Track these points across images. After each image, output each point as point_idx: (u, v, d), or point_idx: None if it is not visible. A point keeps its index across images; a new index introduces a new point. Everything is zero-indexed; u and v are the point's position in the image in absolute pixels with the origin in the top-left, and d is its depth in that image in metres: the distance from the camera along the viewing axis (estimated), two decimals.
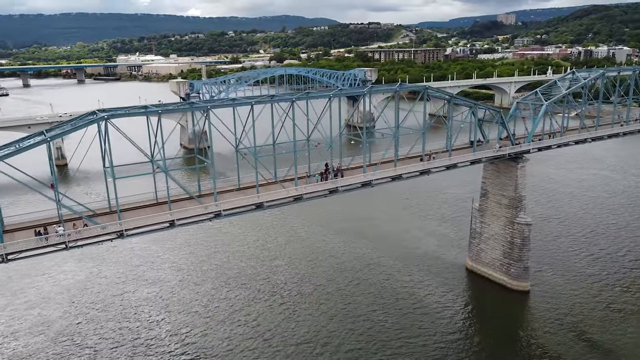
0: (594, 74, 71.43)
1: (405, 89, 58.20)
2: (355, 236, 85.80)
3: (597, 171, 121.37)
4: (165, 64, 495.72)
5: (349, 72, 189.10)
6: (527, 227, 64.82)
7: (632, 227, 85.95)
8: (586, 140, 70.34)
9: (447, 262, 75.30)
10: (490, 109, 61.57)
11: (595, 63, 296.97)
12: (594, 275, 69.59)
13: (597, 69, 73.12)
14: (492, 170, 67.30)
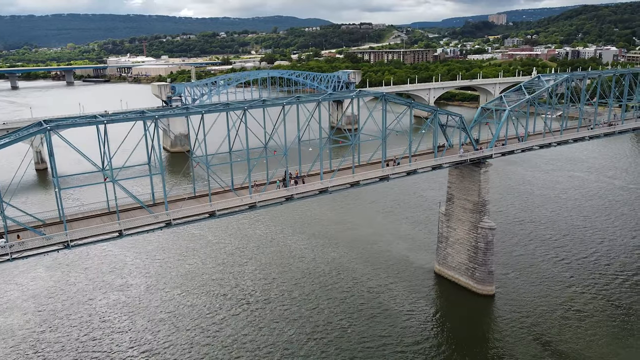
0: (559, 78, 71.98)
1: (364, 95, 57.96)
2: (327, 240, 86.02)
3: (575, 173, 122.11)
4: (154, 65, 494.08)
5: (333, 74, 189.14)
6: (491, 232, 65.19)
7: (601, 230, 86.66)
8: (550, 144, 70.84)
9: (416, 266, 75.64)
10: (451, 114, 61.86)
11: (581, 64, 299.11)
12: (559, 279, 70.12)
13: (562, 73, 73.46)
14: (457, 175, 67.68)
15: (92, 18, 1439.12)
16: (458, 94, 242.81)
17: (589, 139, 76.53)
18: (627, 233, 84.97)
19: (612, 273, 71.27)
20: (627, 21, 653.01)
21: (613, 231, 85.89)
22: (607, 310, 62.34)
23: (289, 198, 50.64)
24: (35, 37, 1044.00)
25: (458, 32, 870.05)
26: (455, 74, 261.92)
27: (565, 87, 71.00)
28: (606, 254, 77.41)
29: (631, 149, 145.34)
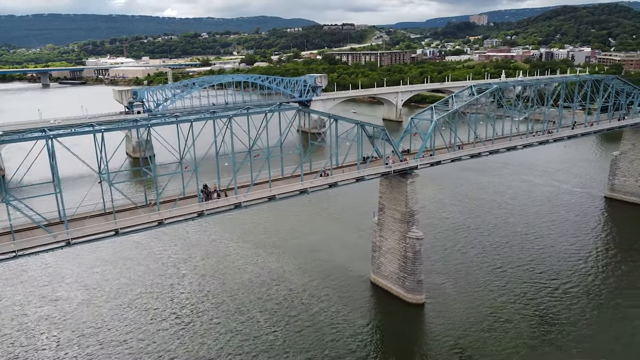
0: (490, 88, 72.91)
1: (284, 110, 57.68)
2: (271, 249, 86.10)
3: (528, 177, 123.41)
4: (131, 67, 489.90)
5: (300, 78, 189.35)
6: (418, 242, 65.83)
7: (542, 236, 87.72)
8: (480, 154, 71.76)
9: (354, 276, 76.03)
10: (375, 126, 62.27)
11: (552, 65, 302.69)
12: (492, 287, 70.83)
13: (492, 83, 74.46)
14: (387, 185, 68.22)
15: (73, 18, 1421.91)
16: (429, 96, 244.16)
17: (522, 147, 77.66)
18: (566, 239, 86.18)
19: (544, 281, 72.22)
20: (604, 22, 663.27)
21: (553, 237, 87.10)
22: (532, 320, 63.10)
23: (200, 214, 50.61)
24: (15, 37, 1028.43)
25: (440, 32, 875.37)
26: (430, 76, 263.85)
27: (496, 96, 71.93)
28: (542, 261, 78.43)
29: (593, 152, 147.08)
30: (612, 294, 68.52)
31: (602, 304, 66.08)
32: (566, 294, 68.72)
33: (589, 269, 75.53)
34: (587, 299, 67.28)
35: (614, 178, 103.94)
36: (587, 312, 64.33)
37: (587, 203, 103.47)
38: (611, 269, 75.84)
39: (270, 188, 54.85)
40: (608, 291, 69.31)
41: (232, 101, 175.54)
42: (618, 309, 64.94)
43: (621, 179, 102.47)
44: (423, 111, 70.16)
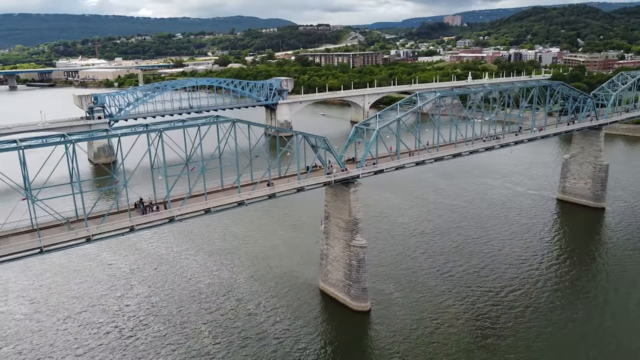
0: (432, 96, 73.86)
1: (220, 122, 57.14)
2: (224, 257, 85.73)
3: (486, 180, 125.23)
4: (102, 69, 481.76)
5: (266, 81, 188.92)
6: (362, 250, 66.36)
7: (493, 240, 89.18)
8: (425, 161, 72.70)
9: (303, 283, 76.22)
10: (315, 136, 62.46)
11: (520, 67, 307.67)
12: (437, 293, 71.67)
13: (436, 91, 75.46)
14: (331, 194, 68.61)
15: (44, 18, 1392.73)
16: (398, 97, 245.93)
17: (468, 153, 78.93)
18: (515, 243, 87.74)
19: (489, 286, 73.39)
20: (573, 23, 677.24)
21: (503, 241, 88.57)
22: (473, 325, 64.05)
23: (132, 229, 50.11)
24: None
25: (414, 33, 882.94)
26: (398, 78, 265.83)
27: (439, 103, 72.95)
28: (490, 265, 79.68)
29: (551, 154, 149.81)
30: (553, 298, 70.03)
31: (542, 308, 67.44)
32: (508, 298, 70.05)
33: (533, 273, 77.13)
34: (528, 303, 68.65)
35: (565, 180, 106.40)
36: (527, 316, 65.63)
37: (539, 205, 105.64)
38: (555, 272, 77.56)
39: (207, 200, 54.58)
40: (550, 295, 70.83)
41: (199, 105, 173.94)
42: (558, 313, 66.33)
43: (572, 181, 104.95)
44: (368, 119, 70.68)
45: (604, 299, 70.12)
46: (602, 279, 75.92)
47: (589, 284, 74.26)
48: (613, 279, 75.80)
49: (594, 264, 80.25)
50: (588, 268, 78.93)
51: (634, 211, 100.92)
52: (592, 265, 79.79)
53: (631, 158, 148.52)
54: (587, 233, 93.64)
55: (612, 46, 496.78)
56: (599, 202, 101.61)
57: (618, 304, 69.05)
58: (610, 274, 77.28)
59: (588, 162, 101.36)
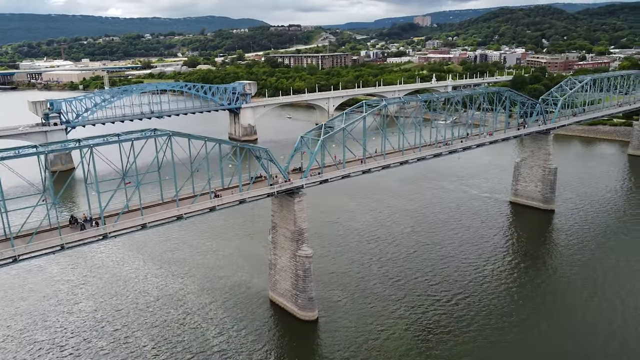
0: (380, 105, 74.48)
1: (158, 136, 56.08)
2: (175, 267, 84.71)
3: (442, 183, 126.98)
4: (66, 71, 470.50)
5: (229, 85, 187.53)
6: (308, 260, 66.46)
7: (445, 245, 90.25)
8: (370, 170, 73.28)
9: (253, 293, 75.87)
10: (258, 148, 62.21)
11: (484, 68, 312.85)
12: (388, 301, 71.83)
13: (383, 99, 76.12)
14: (277, 204, 68.52)
15: (9, 18, 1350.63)
16: (364, 99, 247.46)
17: (416, 160, 79.91)
18: (467, 248, 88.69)
19: (439, 293, 73.83)
20: (538, 24, 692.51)
21: (455, 246, 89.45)
22: (421, 333, 64.45)
23: (62, 247, 48.97)
24: None
25: (385, 33, 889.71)
26: (364, 80, 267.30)
27: (384, 112, 73.56)
28: (441, 272, 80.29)
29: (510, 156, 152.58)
30: (502, 304, 70.89)
31: (491, 315, 68.22)
32: (458, 306, 70.59)
33: (483, 279, 78.11)
34: (478, 310, 69.31)
35: (517, 183, 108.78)
36: (475, 324, 66.25)
37: (492, 209, 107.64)
38: (505, 277, 78.67)
39: (143, 216, 53.80)
40: (498, 301, 71.65)
41: (160, 109, 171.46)
42: (505, 319, 67.31)
43: (523, 184, 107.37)
44: (313, 129, 70.79)
45: (551, 303, 71.54)
46: (550, 282, 77.52)
47: (537, 288, 75.53)
48: (561, 282, 77.43)
49: (543, 268, 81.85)
50: (537, 272, 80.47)
51: (582, 213, 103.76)
52: (540, 269, 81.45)
53: (584, 159, 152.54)
54: (537, 236, 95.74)
55: (575, 47, 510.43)
56: (548, 204, 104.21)
57: (565, 307, 70.72)
58: (558, 277, 79.02)
59: (538, 166, 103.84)
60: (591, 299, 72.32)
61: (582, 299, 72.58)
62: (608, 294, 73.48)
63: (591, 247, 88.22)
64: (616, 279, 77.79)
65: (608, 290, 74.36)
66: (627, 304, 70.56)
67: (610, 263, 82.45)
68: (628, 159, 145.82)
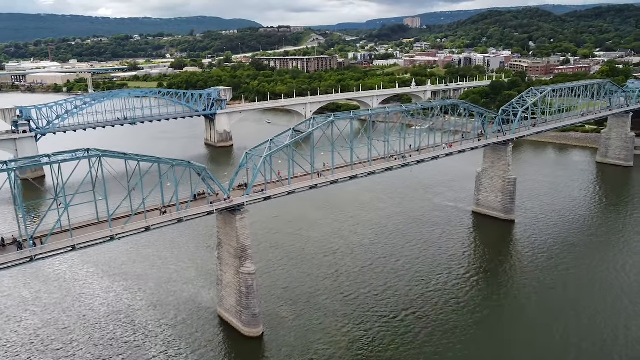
0: (326, 121, 74.44)
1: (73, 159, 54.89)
2: (129, 281, 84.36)
3: (406, 192, 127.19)
4: (50, 73, 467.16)
5: (204, 91, 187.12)
6: (250, 277, 66.49)
7: (404, 257, 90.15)
8: (318, 185, 73.39)
9: (203, 308, 75.76)
10: (195, 166, 62.04)
11: (466, 71, 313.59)
12: (336, 315, 72.05)
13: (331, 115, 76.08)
14: (222, 220, 68.50)
15: None
16: (344, 104, 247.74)
17: (367, 174, 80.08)
18: (423, 262, 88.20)
19: (389, 309, 73.60)
20: (526, 26, 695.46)
21: (413, 259, 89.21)
22: (365, 350, 64.75)
23: None
24: None
25: (375, 35, 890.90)
26: (343, 85, 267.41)
27: (332, 128, 73.68)
28: (394, 286, 79.97)
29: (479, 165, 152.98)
30: (448, 319, 70.99)
31: (436, 331, 68.29)
32: (405, 322, 70.46)
33: (435, 293, 77.96)
34: (423, 326, 69.43)
35: (478, 193, 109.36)
36: (418, 340, 66.42)
37: (454, 219, 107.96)
38: (457, 291, 78.64)
39: (72, 237, 53.59)
40: (446, 316, 71.75)
41: (134, 116, 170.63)
42: (449, 336, 67.42)
43: (484, 194, 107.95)
44: (259, 145, 70.50)
45: (499, 318, 71.95)
46: (500, 297, 77.62)
47: (486, 302, 75.75)
48: (511, 296, 77.59)
49: (494, 281, 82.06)
50: (487, 285, 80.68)
51: (542, 224, 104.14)
52: (492, 283, 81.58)
53: (553, 167, 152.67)
54: (493, 248, 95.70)
55: (561, 50, 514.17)
56: (508, 214, 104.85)
57: (514, 322, 71.00)
58: (509, 291, 79.24)
59: (498, 176, 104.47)
60: (544, 314, 72.23)
61: (534, 314, 72.78)
62: (565, 309, 73.39)
63: (548, 259, 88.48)
64: (573, 292, 77.94)
65: (566, 305, 74.29)
66: (581, 320, 70.46)
67: (566, 277, 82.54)
68: (596, 167, 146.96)
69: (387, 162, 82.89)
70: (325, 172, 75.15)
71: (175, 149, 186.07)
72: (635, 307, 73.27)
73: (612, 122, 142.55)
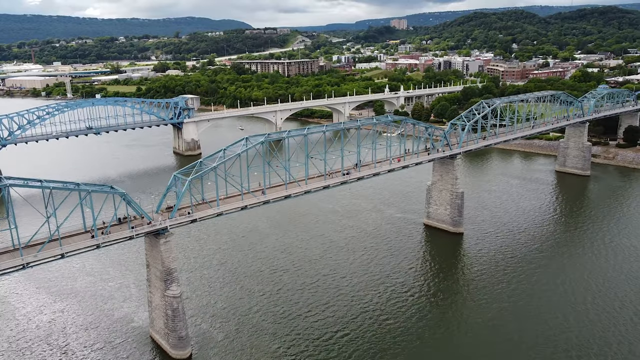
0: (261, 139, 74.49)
1: None
2: (66, 300, 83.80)
3: (359, 202, 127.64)
4: (29, 76, 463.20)
5: (171, 100, 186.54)
6: (176, 300, 66.48)
7: (345, 275, 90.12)
8: (247, 206, 73.50)
9: (137, 328, 75.44)
10: (114, 192, 61.94)
11: (443, 76, 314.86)
12: (272, 336, 72.12)
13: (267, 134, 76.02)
14: (149, 243, 68.43)
15: None
16: (317, 110, 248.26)
17: (303, 193, 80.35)
18: (369, 276, 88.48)
19: (325, 329, 73.58)
20: (510, 28, 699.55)
21: (358, 274, 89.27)
22: None
23: None
24: None
25: (362, 36, 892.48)
26: (322, 90, 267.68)
27: (265, 146, 73.80)
28: (334, 304, 79.75)
29: None
30: (381, 339, 71.13)
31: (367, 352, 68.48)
32: (338, 343, 70.22)
33: (371, 312, 77.76)
34: (356, 347, 69.48)
35: (429, 206, 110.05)
36: None
37: (405, 232, 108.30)
38: (394, 310, 78.37)
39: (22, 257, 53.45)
40: (379, 336, 71.87)
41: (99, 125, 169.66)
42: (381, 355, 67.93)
43: (434, 207, 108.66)
44: (187, 167, 70.34)
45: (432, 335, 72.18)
46: (437, 314, 77.72)
47: (422, 321, 75.69)
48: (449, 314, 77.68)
49: (437, 298, 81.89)
50: (430, 303, 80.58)
51: (491, 237, 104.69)
52: (435, 300, 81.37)
53: (513, 176, 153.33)
54: (441, 261, 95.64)
55: (543, 52, 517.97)
56: (457, 227, 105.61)
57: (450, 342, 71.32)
58: (448, 307, 79.40)
59: (446, 190, 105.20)
60: (488, 330, 72.77)
61: (477, 329, 73.12)
62: (509, 323, 73.92)
63: (493, 273, 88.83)
64: (518, 307, 78.43)
65: (510, 320, 74.74)
66: (524, 339, 70.53)
67: (510, 291, 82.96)
68: (555, 176, 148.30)
69: (325, 181, 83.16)
70: (256, 192, 75.27)
71: (141, 158, 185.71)
72: (567, 322, 74.20)
73: (569, 132, 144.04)
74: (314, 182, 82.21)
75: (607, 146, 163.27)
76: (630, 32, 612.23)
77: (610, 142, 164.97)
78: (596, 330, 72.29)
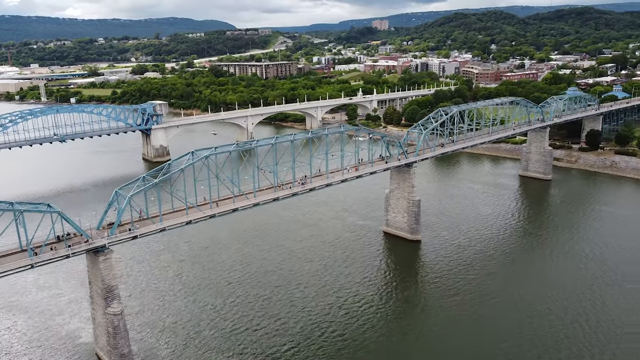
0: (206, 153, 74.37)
1: None
2: (16, 316, 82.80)
3: (322, 210, 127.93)
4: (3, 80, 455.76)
5: (139, 106, 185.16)
6: (116, 318, 66.14)
7: (300, 285, 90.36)
8: (192, 221, 73.40)
9: (83, 344, 74.93)
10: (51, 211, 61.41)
11: (418, 79, 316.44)
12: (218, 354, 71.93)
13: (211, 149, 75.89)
14: (89, 260, 67.98)
15: None
16: (291, 114, 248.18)
17: (252, 206, 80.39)
18: (326, 288, 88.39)
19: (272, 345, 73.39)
20: (489, 29, 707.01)
21: (311, 289, 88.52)
22: None
23: None
24: None
25: (344, 37, 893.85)
26: (296, 94, 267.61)
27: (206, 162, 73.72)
28: (284, 320, 79.16)
29: None
30: (331, 353, 71.40)
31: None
32: (282, 357, 70.39)
33: (325, 326, 77.51)
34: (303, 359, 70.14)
35: (387, 214, 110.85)
36: None
37: (364, 240, 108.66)
38: (345, 323, 78.26)
39: None
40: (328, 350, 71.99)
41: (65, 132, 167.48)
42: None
43: (392, 214, 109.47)
44: (130, 182, 69.98)
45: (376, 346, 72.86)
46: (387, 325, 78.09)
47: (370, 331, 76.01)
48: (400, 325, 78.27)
49: (391, 310, 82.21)
50: (382, 315, 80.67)
51: (447, 244, 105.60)
52: (387, 311, 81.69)
53: (476, 181, 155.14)
54: (397, 270, 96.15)
55: (520, 52, 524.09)
56: (414, 235, 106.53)
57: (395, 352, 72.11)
58: (409, 320, 79.64)
59: (403, 197, 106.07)
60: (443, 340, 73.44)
61: (431, 339, 73.99)
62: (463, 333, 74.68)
63: (448, 281, 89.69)
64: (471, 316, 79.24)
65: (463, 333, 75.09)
66: (477, 348, 71.33)
67: (465, 300, 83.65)
68: (518, 180, 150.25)
69: (275, 193, 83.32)
70: (203, 205, 75.16)
71: (109, 166, 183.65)
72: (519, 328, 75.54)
73: (531, 137, 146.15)
74: (263, 194, 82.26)
75: (570, 150, 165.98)
76: (606, 33, 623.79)
77: (573, 146, 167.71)
78: (548, 336, 73.51)
